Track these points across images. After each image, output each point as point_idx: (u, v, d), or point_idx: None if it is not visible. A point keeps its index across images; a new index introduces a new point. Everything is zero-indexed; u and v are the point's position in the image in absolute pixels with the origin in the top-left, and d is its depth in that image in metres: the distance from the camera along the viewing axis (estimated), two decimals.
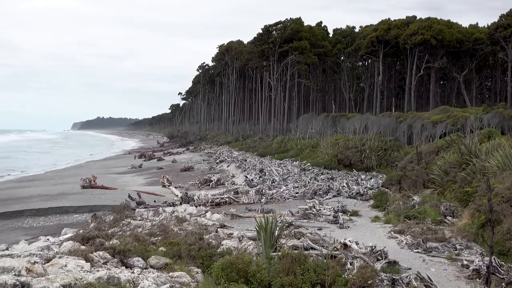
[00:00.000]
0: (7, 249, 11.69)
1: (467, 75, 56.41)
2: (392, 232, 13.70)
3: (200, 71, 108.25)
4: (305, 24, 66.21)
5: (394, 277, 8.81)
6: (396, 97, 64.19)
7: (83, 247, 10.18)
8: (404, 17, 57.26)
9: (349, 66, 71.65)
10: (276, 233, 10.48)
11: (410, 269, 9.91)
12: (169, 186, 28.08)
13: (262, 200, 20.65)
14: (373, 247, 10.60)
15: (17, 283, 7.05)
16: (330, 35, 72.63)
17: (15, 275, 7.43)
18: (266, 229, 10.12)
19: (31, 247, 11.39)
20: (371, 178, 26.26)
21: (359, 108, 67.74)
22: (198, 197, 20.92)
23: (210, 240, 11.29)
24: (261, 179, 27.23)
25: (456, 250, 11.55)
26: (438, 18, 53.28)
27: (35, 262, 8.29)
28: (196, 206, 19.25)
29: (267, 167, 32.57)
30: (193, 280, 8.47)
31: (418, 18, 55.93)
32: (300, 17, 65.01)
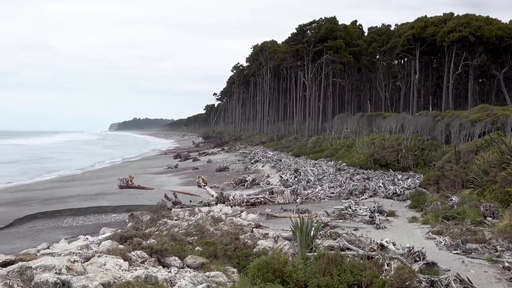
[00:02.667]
0: (48, 247, 11.95)
1: (507, 72, 55.07)
2: (430, 233, 13.47)
3: (234, 71, 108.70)
4: (340, 23, 65.83)
5: (432, 278, 8.66)
6: (433, 96, 63.14)
7: (121, 246, 10.33)
8: (441, 14, 56.32)
9: (384, 65, 70.82)
10: (311, 234, 10.42)
11: (449, 270, 9.72)
12: (204, 186, 28.26)
13: (297, 200, 20.59)
14: (411, 248, 10.44)
15: (58, 281, 7.19)
16: (365, 34, 72.05)
17: (56, 273, 7.58)
18: (301, 229, 10.07)
19: (71, 246, 11.61)
20: (408, 178, 25.90)
21: (395, 107, 66.91)
22: (233, 197, 20.98)
23: (246, 240, 11.31)
24: (296, 179, 27.15)
25: (497, 251, 11.28)
26: (477, 14, 52.23)
27: (75, 261, 8.44)
28: (231, 206, 19.32)
29: (302, 167, 32.46)
30: (229, 280, 8.50)
31: (455, 15, 54.92)
32: (334, 16, 64.71)
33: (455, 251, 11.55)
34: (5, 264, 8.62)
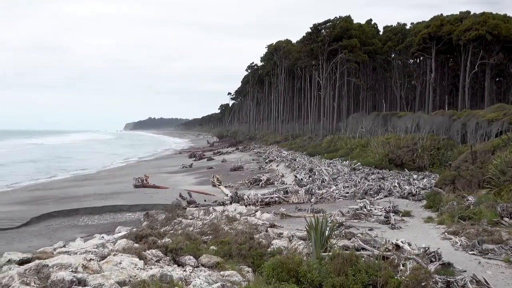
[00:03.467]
0: (64, 246, 12.06)
1: None
2: (446, 233, 13.37)
3: (249, 71, 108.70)
4: (355, 22, 65.54)
5: (448, 279, 8.59)
6: (449, 95, 62.62)
7: (136, 245, 10.39)
8: (458, 13, 55.85)
9: (400, 64, 70.40)
10: (326, 233, 10.39)
11: (465, 271, 9.64)
12: (219, 185, 28.31)
13: (312, 200, 20.55)
14: (427, 248, 10.36)
15: (74, 279, 7.26)
16: (380, 33, 71.65)
17: (72, 271, 7.65)
18: (316, 229, 10.05)
19: (87, 245, 11.69)
20: (423, 178, 25.73)
21: (410, 106, 66.48)
22: (248, 197, 21.01)
23: (260, 239, 11.32)
24: (310, 178, 27.10)
25: None
26: (494, 12, 51.67)
27: (90, 259, 8.51)
28: (246, 206, 19.34)
29: (316, 167, 32.38)
30: (244, 279, 8.51)
31: (472, 13, 54.40)
32: (349, 15, 64.40)
33: (472, 252, 11.45)
34: (22, 262, 8.72)
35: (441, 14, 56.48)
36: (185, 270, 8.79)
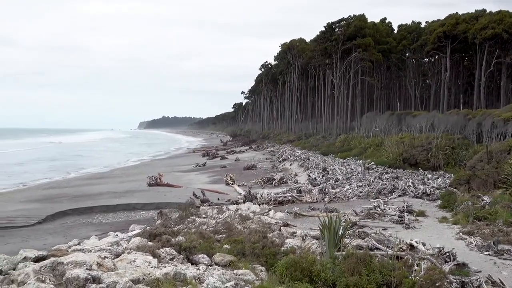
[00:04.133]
0: (79, 244, 12.15)
1: None
2: (460, 233, 13.27)
3: (262, 70, 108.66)
4: (369, 20, 65.20)
5: (463, 279, 8.53)
6: (464, 94, 62.13)
7: (150, 243, 10.44)
8: (473, 11, 55.35)
9: (414, 63, 69.95)
10: (340, 233, 10.36)
11: (480, 272, 9.56)
12: (232, 184, 28.35)
13: (325, 199, 20.50)
14: (441, 249, 10.30)
15: (89, 277, 7.31)
16: (395, 32, 71.21)
17: (86, 269, 7.71)
18: (330, 228, 10.02)
19: (101, 243, 11.78)
20: (438, 178, 25.57)
21: (425, 105, 66.02)
22: (261, 196, 21.01)
23: (274, 238, 11.32)
24: (324, 178, 27.04)
25: None
26: (510, 10, 51.11)
27: (105, 257, 8.57)
28: (259, 205, 19.34)
29: (330, 166, 32.31)
30: (257, 278, 8.51)
31: (488, 11, 53.90)
32: (363, 14, 64.10)
33: (487, 252, 11.35)
34: (38, 259, 8.80)
35: (456, 13, 56.01)
36: (198, 269, 8.81)
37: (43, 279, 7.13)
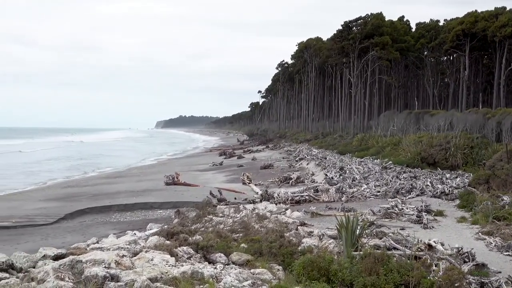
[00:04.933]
0: (97, 242, 12.26)
1: None
2: (480, 234, 13.14)
3: (279, 69, 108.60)
4: (387, 19, 64.77)
5: (482, 280, 8.44)
6: (484, 93, 61.41)
7: (168, 242, 10.49)
8: (493, 9, 54.64)
9: (433, 61, 69.30)
10: (357, 232, 10.32)
11: (500, 272, 9.45)
12: (249, 183, 28.37)
13: (343, 199, 20.41)
14: (460, 249, 10.20)
15: (107, 275, 7.36)
16: (413, 30, 70.65)
17: (105, 267, 7.77)
18: (347, 227, 9.99)
19: (119, 241, 11.87)
20: (456, 177, 25.32)
21: (443, 104, 65.41)
22: (278, 195, 20.99)
23: (291, 237, 11.31)
24: (341, 177, 26.94)
25: None
26: None
27: (123, 256, 8.63)
28: (276, 204, 19.33)
29: (347, 165, 32.17)
30: (274, 278, 8.51)
31: (508, 9, 53.18)
32: (381, 12, 63.70)
33: (507, 253, 11.22)
34: (57, 257, 8.89)
35: (476, 10, 55.38)
36: (215, 268, 8.84)
37: (62, 277, 7.20)
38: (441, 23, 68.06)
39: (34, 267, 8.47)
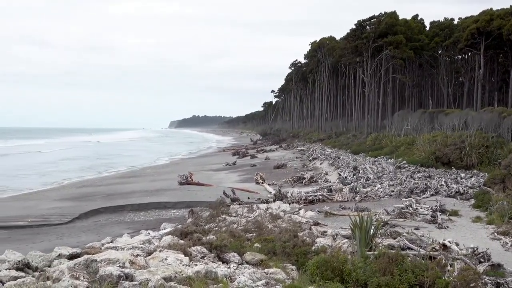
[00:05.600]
0: (111, 241, 12.32)
1: None
2: (495, 234, 13.02)
3: (292, 68, 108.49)
4: (400, 17, 64.45)
5: (498, 280, 8.37)
6: (499, 91, 60.81)
7: (181, 241, 10.52)
8: (508, 6, 54.07)
9: (447, 60, 68.80)
10: (371, 232, 10.28)
11: None
12: (262, 183, 28.36)
13: (356, 198, 20.35)
14: (475, 249, 10.12)
15: (122, 274, 7.40)
16: (427, 28, 70.20)
17: (119, 266, 7.81)
18: (361, 227, 9.95)
19: (133, 240, 11.92)
20: (471, 177, 25.12)
21: (458, 103, 64.89)
22: (291, 194, 20.97)
23: (304, 237, 11.29)
24: (355, 177, 26.84)
25: None
26: None
27: (137, 255, 8.67)
28: (289, 203, 19.32)
29: (361, 165, 32.05)
30: (288, 277, 8.50)
31: None
32: (395, 11, 63.41)
33: None
34: (72, 256, 8.96)
35: (491, 8, 54.84)
36: (229, 267, 8.85)
37: (77, 276, 7.25)
38: (455, 22, 67.60)
39: (49, 266, 8.53)
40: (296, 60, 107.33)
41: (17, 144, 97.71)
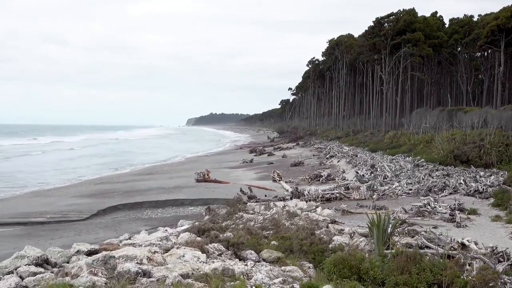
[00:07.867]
0: (129, 238, 12.40)
1: None
2: None
3: (310, 66, 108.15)
4: (419, 15, 63.95)
5: None
6: None
7: (199, 238, 10.56)
8: None
9: (466, 57, 68.11)
10: (388, 230, 10.21)
11: None
12: (279, 180, 28.34)
13: (374, 196, 20.24)
14: (494, 248, 10.02)
15: (139, 271, 7.45)
16: (446, 26, 69.53)
17: (137, 263, 7.86)
18: (378, 226, 9.89)
19: (151, 237, 11.98)
20: (491, 175, 24.81)
21: (477, 101, 64.26)
22: (308, 192, 20.92)
23: (321, 235, 11.25)
24: (372, 175, 26.70)
25: None
26: None
27: (155, 252, 8.73)
28: (306, 201, 19.26)
29: (378, 163, 31.86)
30: (305, 275, 8.49)
31: None
32: (413, 8, 62.91)
33: None
34: (90, 253, 9.03)
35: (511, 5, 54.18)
36: (246, 265, 8.86)
37: (95, 272, 7.32)
38: (475, 19, 66.86)
39: (68, 262, 8.61)
40: (314, 57, 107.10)
41: (52, 140, 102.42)
